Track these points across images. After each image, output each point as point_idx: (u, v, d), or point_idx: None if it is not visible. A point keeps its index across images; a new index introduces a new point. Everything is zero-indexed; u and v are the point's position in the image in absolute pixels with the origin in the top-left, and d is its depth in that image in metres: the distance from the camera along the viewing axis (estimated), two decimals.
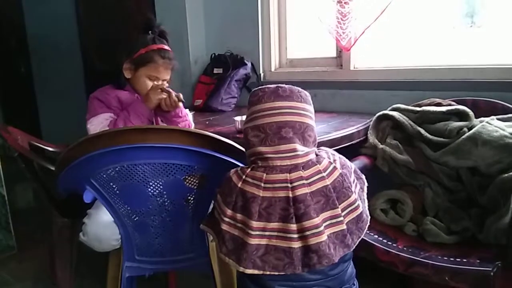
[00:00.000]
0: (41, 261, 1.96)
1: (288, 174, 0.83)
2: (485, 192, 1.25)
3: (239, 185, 0.85)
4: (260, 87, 0.90)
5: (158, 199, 1.09)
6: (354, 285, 0.94)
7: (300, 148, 0.85)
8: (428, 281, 1.11)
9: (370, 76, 1.80)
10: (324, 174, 0.85)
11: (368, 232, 1.29)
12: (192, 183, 1.08)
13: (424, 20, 1.71)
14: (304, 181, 0.83)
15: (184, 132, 0.98)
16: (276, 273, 0.83)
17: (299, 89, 0.90)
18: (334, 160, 0.89)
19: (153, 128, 1.03)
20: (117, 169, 1.02)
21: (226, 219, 0.86)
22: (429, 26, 1.70)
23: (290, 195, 0.82)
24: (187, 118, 1.40)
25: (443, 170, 1.34)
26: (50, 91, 3.57)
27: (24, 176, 1.53)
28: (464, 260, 1.10)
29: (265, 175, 0.83)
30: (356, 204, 0.88)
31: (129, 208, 1.11)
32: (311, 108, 0.91)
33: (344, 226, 0.86)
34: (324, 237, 0.82)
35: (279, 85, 0.88)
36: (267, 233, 0.83)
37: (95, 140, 0.97)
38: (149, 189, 1.07)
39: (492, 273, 1.01)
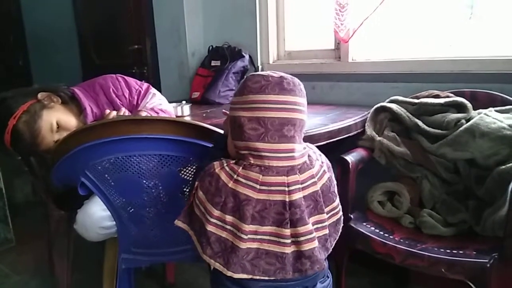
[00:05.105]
0: (39, 254, 1.97)
1: (285, 177, 0.79)
2: (483, 184, 1.25)
3: (229, 185, 0.79)
4: (261, 73, 0.82)
5: (153, 191, 1.08)
6: (328, 277, 0.93)
7: (297, 148, 0.82)
8: (424, 272, 1.11)
9: (368, 68, 1.79)
10: (316, 179, 0.83)
11: (365, 224, 1.29)
12: (188, 174, 1.08)
13: (422, 11, 1.69)
14: (299, 185, 0.80)
15: (179, 123, 0.97)
16: (266, 278, 0.80)
17: (299, 81, 0.85)
18: (322, 162, 0.87)
19: (147, 119, 1.02)
20: (111, 160, 1.01)
21: (213, 220, 0.80)
22: (427, 17, 1.68)
23: (287, 200, 0.79)
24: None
25: (440, 162, 1.34)
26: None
27: (22, 170, 1.53)
28: (461, 252, 1.09)
29: (261, 176, 0.78)
30: (338, 208, 0.88)
31: (124, 200, 1.11)
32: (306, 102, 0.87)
33: (327, 231, 0.85)
34: (316, 243, 0.81)
35: (283, 75, 0.82)
36: (258, 236, 0.80)
37: (88, 131, 0.96)
38: (144, 181, 1.06)
39: (488, 265, 1.01)
